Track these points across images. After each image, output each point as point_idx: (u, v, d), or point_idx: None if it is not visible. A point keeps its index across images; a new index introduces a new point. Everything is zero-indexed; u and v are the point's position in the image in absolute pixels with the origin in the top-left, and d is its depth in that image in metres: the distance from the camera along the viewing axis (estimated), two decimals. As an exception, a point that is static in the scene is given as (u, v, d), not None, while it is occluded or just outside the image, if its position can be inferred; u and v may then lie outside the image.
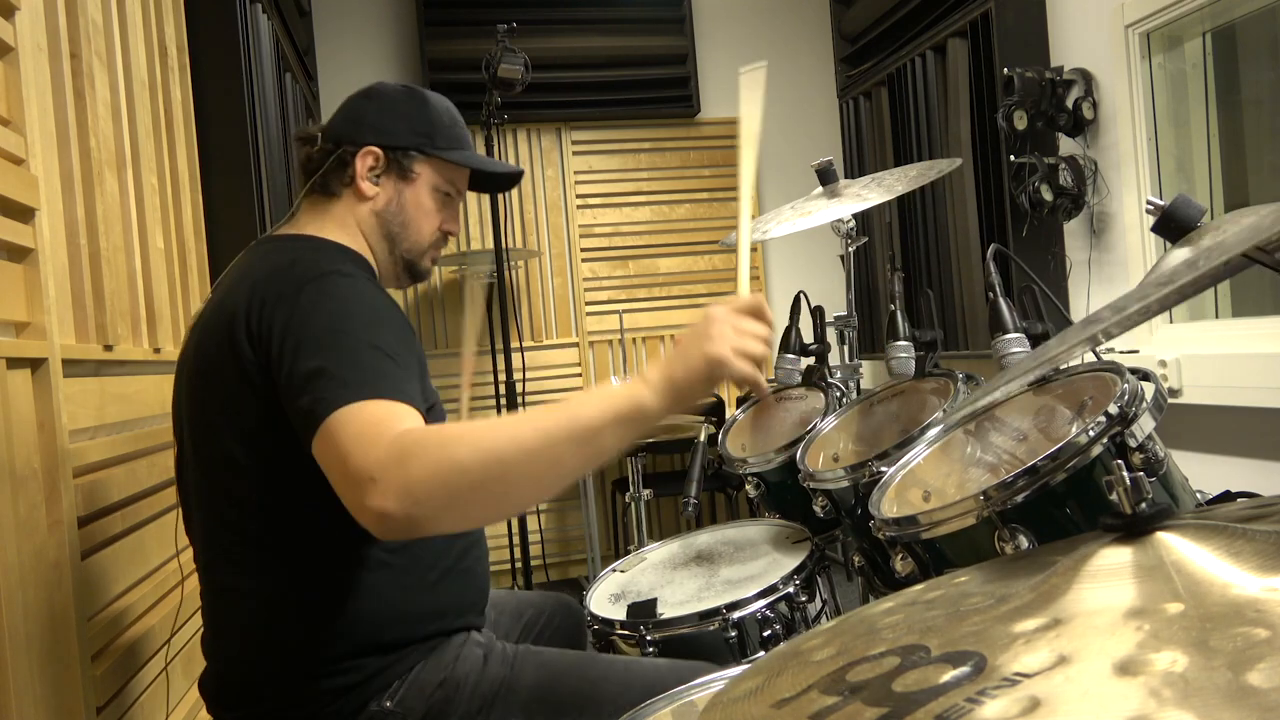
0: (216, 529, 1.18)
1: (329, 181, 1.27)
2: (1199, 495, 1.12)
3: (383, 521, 0.90)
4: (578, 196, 4.19)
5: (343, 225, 1.27)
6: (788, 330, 1.86)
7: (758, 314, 1.03)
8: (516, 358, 3.60)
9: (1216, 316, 2.61)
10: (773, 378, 1.91)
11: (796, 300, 1.88)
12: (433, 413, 1.24)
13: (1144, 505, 0.56)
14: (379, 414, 0.95)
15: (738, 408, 2.02)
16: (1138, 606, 0.48)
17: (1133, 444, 0.99)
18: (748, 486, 1.72)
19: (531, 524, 3.94)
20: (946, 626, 0.54)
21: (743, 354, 0.99)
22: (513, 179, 1.47)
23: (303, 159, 1.30)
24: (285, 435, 1.06)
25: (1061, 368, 1.20)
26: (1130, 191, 2.72)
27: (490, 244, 3.49)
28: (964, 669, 0.46)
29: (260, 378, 1.07)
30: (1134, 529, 0.55)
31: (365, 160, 1.26)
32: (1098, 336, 0.72)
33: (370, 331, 1.05)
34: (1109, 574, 0.52)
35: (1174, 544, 0.52)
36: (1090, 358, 1.19)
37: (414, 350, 1.12)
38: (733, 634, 1.37)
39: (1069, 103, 2.82)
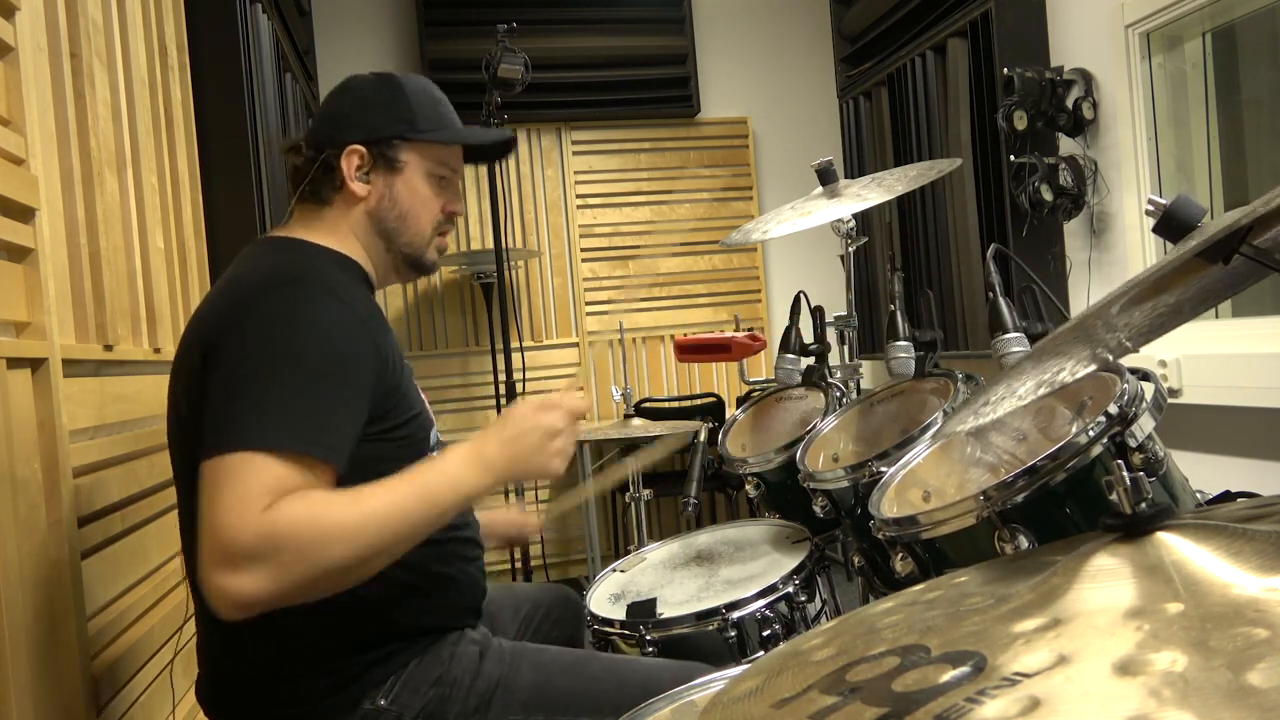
0: (194, 530, 1.18)
1: (319, 189, 1.24)
2: (1199, 495, 1.12)
3: (216, 596, 0.93)
4: (578, 196, 4.18)
5: (333, 231, 1.24)
6: (788, 330, 1.86)
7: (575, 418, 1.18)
8: (516, 358, 3.60)
9: (1216, 317, 2.61)
10: (773, 378, 1.91)
11: (796, 300, 1.88)
12: (418, 420, 1.21)
13: (1144, 505, 0.56)
14: (269, 479, 0.96)
15: (738, 408, 2.02)
16: (1138, 606, 0.48)
17: (1133, 444, 0.99)
18: (748, 486, 1.72)
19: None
20: (946, 626, 0.54)
21: (561, 453, 1.15)
22: (506, 146, 1.41)
23: (289, 170, 1.28)
24: None
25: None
26: (1130, 191, 2.71)
27: (490, 244, 3.49)
28: (964, 669, 0.46)
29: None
30: (1134, 529, 0.55)
31: (351, 160, 1.21)
32: (1105, 355, 0.72)
33: (301, 362, 1.03)
34: (1109, 574, 0.52)
35: (1174, 544, 0.52)
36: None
37: (359, 374, 1.09)
38: (732, 634, 1.37)
39: (1069, 103, 2.82)
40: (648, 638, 1.38)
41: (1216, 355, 2.38)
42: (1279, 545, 0.51)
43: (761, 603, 1.40)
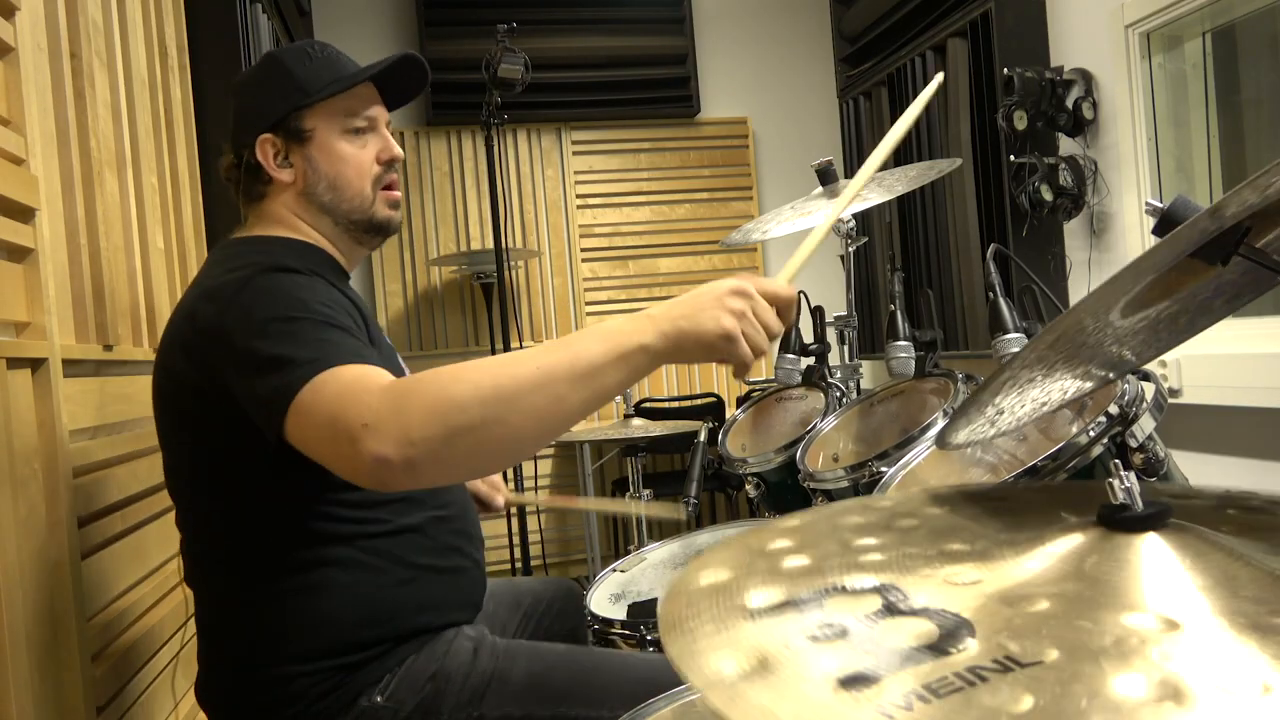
0: (189, 533, 1.19)
1: (255, 190, 1.26)
2: (1199, 495, 1.12)
3: (381, 470, 0.88)
4: (578, 196, 4.18)
5: (282, 222, 1.25)
6: (788, 330, 1.86)
7: (783, 310, 1.00)
8: (516, 358, 3.60)
9: (1216, 316, 2.61)
10: (773, 378, 1.91)
11: (796, 300, 1.88)
12: None
13: (1143, 505, 0.56)
14: (355, 374, 0.95)
15: (738, 407, 2.02)
16: (1136, 606, 0.48)
17: (1133, 444, 0.99)
18: (748, 486, 1.72)
19: (531, 524, 3.94)
20: (936, 587, 0.54)
21: (751, 342, 0.95)
22: (411, 69, 1.30)
23: (225, 182, 1.29)
24: (239, 440, 1.05)
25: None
26: (1130, 191, 2.71)
27: (490, 244, 3.49)
28: (952, 645, 0.46)
29: (206, 383, 1.07)
30: (1134, 529, 0.55)
31: (265, 151, 1.22)
32: (1106, 375, 0.72)
33: (321, 313, 1.04)
34: (1108, 573, 0.52)
35: (1174, 544, 0.52)
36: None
37: (368, 337, 1.10)
38: (733, 634, 1.37)
39: (1069, 103, 2.82)
40: (648, 638, 1.38)
41: (1216, 355, 2.38)
42: (1279, 545, 0.51)
43: (761, 603, 1.39)
